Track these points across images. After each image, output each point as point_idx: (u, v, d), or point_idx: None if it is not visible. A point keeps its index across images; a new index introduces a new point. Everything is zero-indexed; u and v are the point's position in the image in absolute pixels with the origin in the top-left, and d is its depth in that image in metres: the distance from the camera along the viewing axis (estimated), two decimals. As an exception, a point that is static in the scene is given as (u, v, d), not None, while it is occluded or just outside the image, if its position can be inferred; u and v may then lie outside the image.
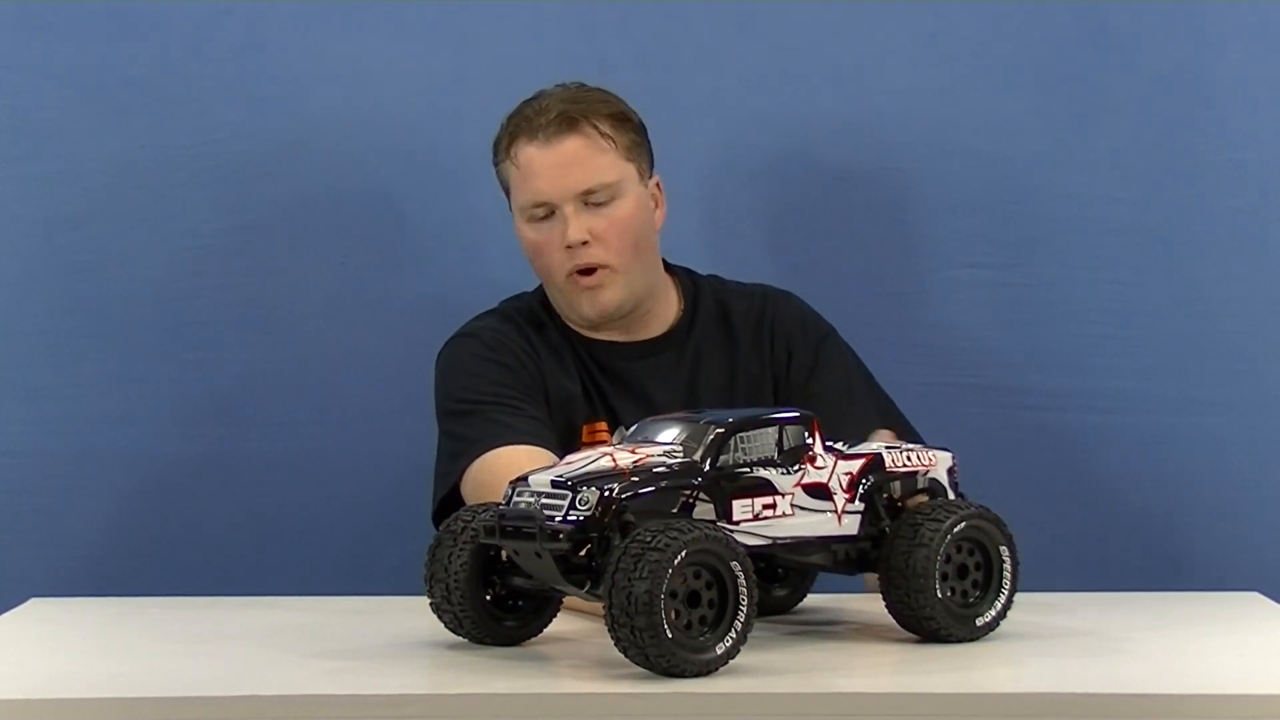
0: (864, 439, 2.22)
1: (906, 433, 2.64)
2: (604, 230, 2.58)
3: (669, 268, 2.73)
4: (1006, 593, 2.12)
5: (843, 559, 2.12)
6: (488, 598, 2.10)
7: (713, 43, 3.06)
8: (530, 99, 2.63)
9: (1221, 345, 3.06)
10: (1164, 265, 3.06)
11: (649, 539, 1.89)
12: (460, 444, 2.53)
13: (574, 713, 1.87)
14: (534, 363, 2.62)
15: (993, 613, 2.11)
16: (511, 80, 2.74)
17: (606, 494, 1.96)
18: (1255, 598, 2.48)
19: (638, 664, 1.90)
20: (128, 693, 1.91)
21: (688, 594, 1.91)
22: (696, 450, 2.01)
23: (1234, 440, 3.06)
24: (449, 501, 2.50)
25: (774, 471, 2.04)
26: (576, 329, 2.67)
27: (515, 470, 2.11)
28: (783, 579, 2.30)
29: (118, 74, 3.05)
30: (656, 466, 2.00)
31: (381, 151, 3.07)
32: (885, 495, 2.12)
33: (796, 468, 2.05)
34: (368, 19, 3.05)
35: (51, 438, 3.05)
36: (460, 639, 2.12)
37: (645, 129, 2.65)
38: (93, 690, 1.93)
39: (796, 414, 2.07)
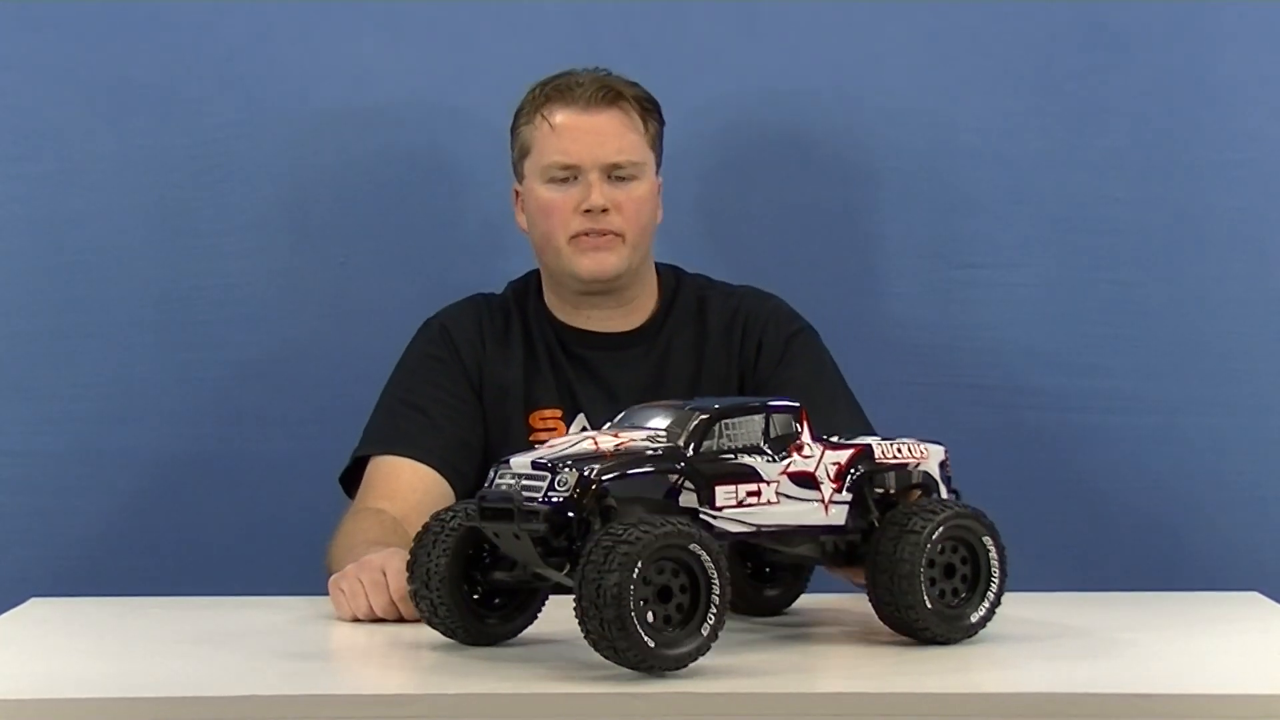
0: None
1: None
2: (624, 202, 2.64)
3: (655, 266, 2.76)
4: (994, 593, 2.10)
5: (831, 551, 2.11)
6: (475, 596, 2.09)
7: (712, 42, 3.06)
8: (560, 74, 2.67)
9: (1221, 345, 3.06)
10: (1164, 265, 3.06)
11: (620, 532, 1.88)
12: (374, 424, 2.70)
13: (574, 713, 1.87)
14: (475, 353, 2.70)
15: (979, 613, 2.09)
16: (511, 79, 2.74)
17: (585, 475, 1.95)
18: (1255, 598, 2.48)
19: (608, 658, 1.90)
20: (128, 693, 1.91)
21: (659, 589, 1.91)
22: (680, 436, 2.01)
23: (1234, 440, 3.06)
24: (355, 464, 2.69)
25: (759, 459, 2.03)
26: (554, 313, 2.71)
27: (394, 480, 2.55)
28: (774, 579, 2.29)
29: (118, 74, 3.05)
30: (638, 451, 1.99)
31: (381, 151, 3.07)
32: (876, 488, 2.11)
33: (783, 456, 2.05)
34: (368, 18, 3.06)
35: (51, 438, 3.05)
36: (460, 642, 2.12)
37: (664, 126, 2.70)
38: (93, 690, 1.93)
39: (785, 403, 2.07)
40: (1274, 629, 2.30)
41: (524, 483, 1.98)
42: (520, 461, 2.01)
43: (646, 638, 1.88)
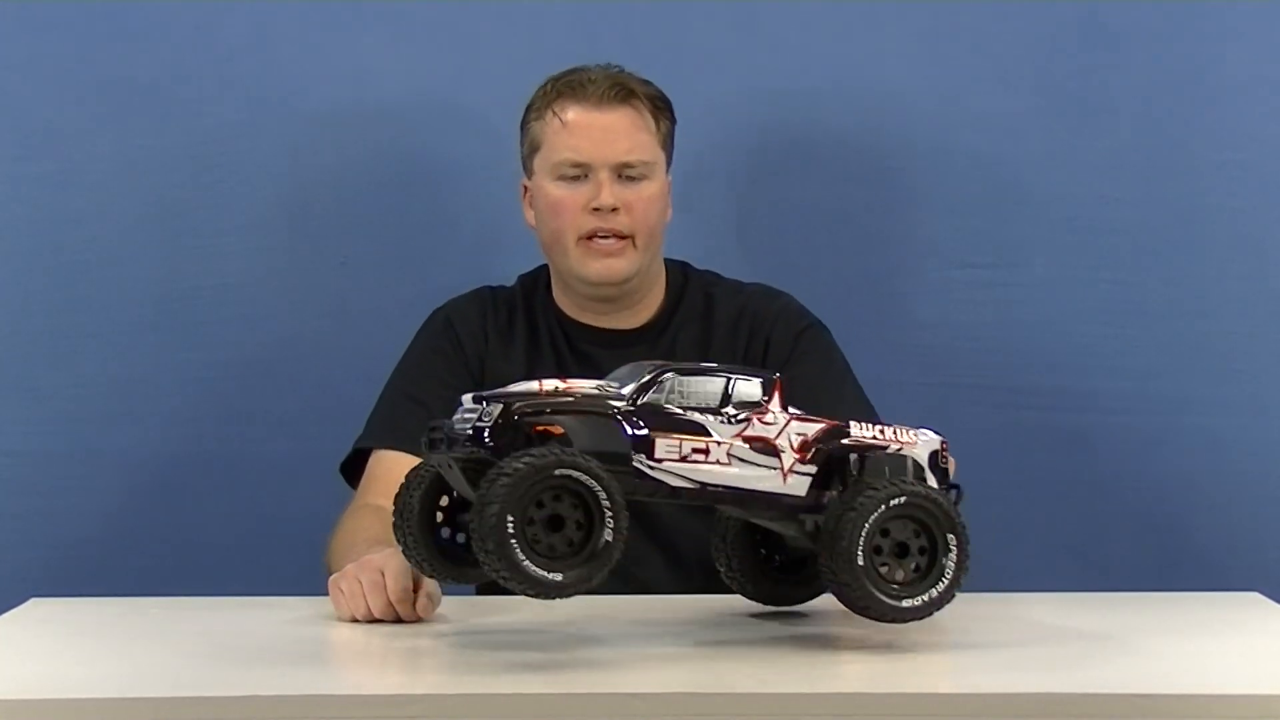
0: None
1: None
2: (634, 202, 2.63)
3: (663, 262, 2.75)
4: (947, 581, 2.04)
5: (812, 531, 2.08)
6: (459, 539, 2.11)
7: (712, 42, 3.06)
8: (572, 70, 2.65)
9: (1221, 345, 3.06)
10: (1164, 265, 3.06)
11: (494, 477, 1.90)
12: (376, 416, 2.69)
13: (574, 712, 1.87)
14: (478, 346, 2.70)
15: (925, 597, 2.04)
16: (511, 79, 2.74)
17: (509, 406, 1.98)
18: (1255, 598, 2.48)
19: (501, 583, 1.92)
20: (128, 693, 1.91)
21: (549, 518, 1.92)
22: (628, 386, 2.02)
23: (1234, 440, 3.06)
24: (358, 452, 2.70)
25: (711, 418, 2.03)
26: (561, 308, 2.71)
27: (395, 474, 2.27)
28: (800, 571, 2.27)
29: (118, 74, 3.05)
30: (581, 396, 2.01)
31: (381, 151, 3.07)
32: (857, 468, 2.08)
33: (740, 419, 2.04)
34: (368, 18, 3.06)
35: (51, 438, 3.05)
36: (461, 642, 2.12)
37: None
38: (93, 690, 1.93)
39: (755, 371, 2.07)
40: (1274, 629, 2.30)
41: (463, 415, 2.02)
42: (468, 398, 2.04)
43: (539, 570, 1.90)
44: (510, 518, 1.89)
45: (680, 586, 2.58)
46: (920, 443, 2.13)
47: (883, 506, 2.02)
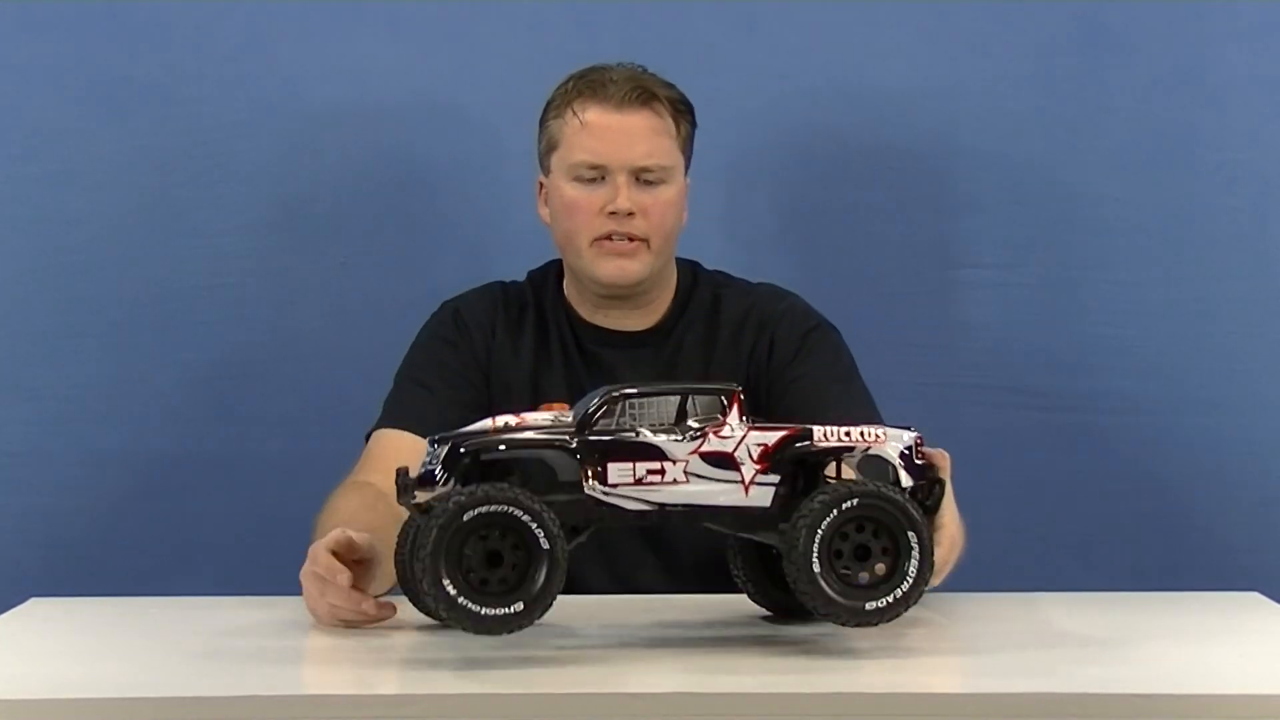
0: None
1: None
2: (650, 207, 2.61)
3: (675, 262, 2.74)
4: (911, 581, 2.00)
5: None
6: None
7: (713, 43, 3.06)
8: (593, 68, 2.63)
9: (1221, 345, 3.06)
10: (1164, 265, 3.06)
11: (421, 538, 1.92)
12: (386, 406, 2.67)
13: (574, 713, 1.87)
14: (485, 341, 2.69)
15: (889, 599, 2.00)
16: (511, 79, 2.75)
17: (454, 446, 1.99)
18: (1255, 598, 2.48)
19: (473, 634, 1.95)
20: (128, 693, 1.91)
21: (487, 554, 1.93)
22: (580, 414, 2.02)
23: (1234, 440, 3.06)
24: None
25: (665, 438, 2.01)
26: (573, 306, 2.70)
27: (392, 453, 2.32)
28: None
29: (118, 74, 3.05)
30: (531, 429, 2.01)
31: (381, 151, 3.07)
32: (825, 471, 2.06)
33: (695, 435, 2.02)
34: (368, 18, 3.06)
35: (51, 438, 3.05)
36: (462, 641, 2.12)
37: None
38: (93, 690, 1.93)
39: (712, 385, 2.05)
40: (1274, 629, 2.30)
41: (424, 458, 2.04)
42: (428, 442, 2.06)
43: (499, 609, 1.93)
44: (445, 581, 1.91)
45: (677, 592, 2.57)
46: (890, 441, 2.08)
47: (834, 511, 1.99)
